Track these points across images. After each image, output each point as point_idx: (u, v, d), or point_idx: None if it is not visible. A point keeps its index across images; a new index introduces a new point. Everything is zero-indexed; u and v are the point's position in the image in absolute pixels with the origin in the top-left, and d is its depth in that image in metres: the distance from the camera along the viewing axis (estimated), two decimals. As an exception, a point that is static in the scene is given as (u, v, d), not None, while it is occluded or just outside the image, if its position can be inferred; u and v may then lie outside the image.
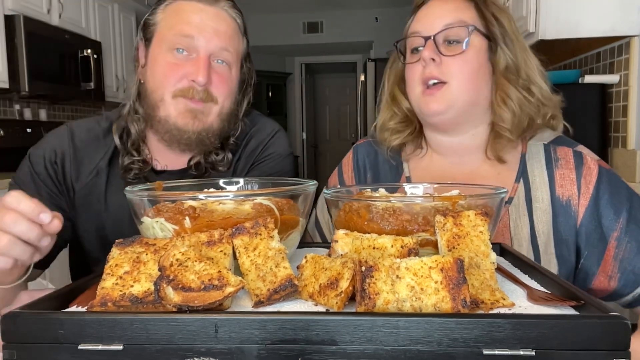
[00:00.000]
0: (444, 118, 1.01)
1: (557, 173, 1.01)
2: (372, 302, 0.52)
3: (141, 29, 1.10)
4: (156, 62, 1.05)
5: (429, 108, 1.00)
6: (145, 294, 0.55)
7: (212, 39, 1.04)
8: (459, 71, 0.98)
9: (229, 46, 1.06)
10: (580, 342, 0.47)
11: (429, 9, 1.04)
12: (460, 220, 0.63)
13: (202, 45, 1.03)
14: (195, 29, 1.03)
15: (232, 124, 1.14)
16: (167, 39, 1.04)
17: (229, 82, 1.09)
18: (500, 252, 0.82)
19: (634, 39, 2.12)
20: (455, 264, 0.53)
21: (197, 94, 1.03)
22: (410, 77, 1.05)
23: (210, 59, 1.05)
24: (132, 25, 4.62)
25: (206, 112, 1.06)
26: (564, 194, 0.99)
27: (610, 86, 2.29)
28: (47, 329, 0.50)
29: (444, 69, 0.98)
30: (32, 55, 3.15)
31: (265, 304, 0.57)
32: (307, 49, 7.76)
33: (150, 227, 0.69)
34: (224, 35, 1.05)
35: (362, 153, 1.20)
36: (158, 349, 0.49)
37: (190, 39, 1.02)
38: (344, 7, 7.02)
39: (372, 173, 1.18)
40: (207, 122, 1.06)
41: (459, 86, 0.98)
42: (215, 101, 1.06)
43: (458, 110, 1.00)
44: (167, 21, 1.06)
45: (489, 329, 0.47)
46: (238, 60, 1.11)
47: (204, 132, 1.06)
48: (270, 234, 0.63)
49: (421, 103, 1.02)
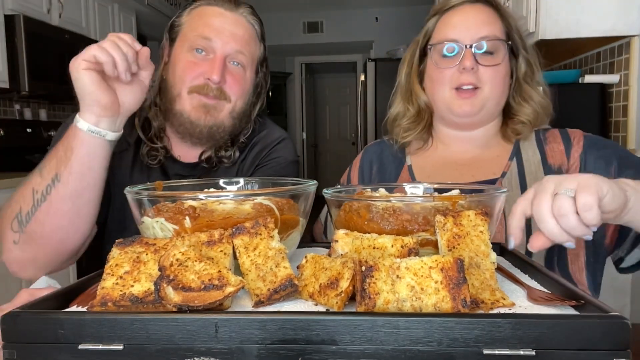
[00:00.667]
0: (474, 119, 1.11)
1: (547, 148, 1.11)
2: (372, 302, 0.52)
3: (167, 30, 1.19)
4: (177, 60, 1.14)
5: (463, 110, 1.08)
6: (145, 294, 0.55)
7: (229, 42, 1.12)
8: (492, 78, 1.07)
9: (244, 49, 1.14)
10: (580, 342, 0.47)
11: (462, 17, 1.10)
12: (460, 220, 0.63)
13: (219, 47, 1.11)
14: (214, 31, 1.11)
15: (243, 123, 1.21)
16: (188, 39, 1.13)
17: (242, 83, 1.15)
18: (500, 252, 0.82)
19: (634, 39, 2.12)
20: (456, 263, 0.53)
21: (211, 91, 1.10)
22: (440, 80, 1.11)
23: (227, 60, 1.12)
24: (132, 25, 4.62)
25: (218, 108, 1.13)
26: (555, 163, 1.08)
27: (610, 86, 2.29)
28: (47, 329, 0.50)
29: (479, 76, 1.07)
30: (32, 55, 3.15)
31: (265, 303, 0.57)
32: (307, 49, 7.76)
33: (151, 227, 0.69)
34: (240, 39, 1.14)
35: (370, 152, 1.29)
36: (158, 349, 0.49)
37: (209, 40, 1.11)
38: (344, 7, 7.02)
39: (377, 165, 1.25)
40: (218, 118, 1.13)
41: (491, 91, 1.08)
42: (228, 99, 1.13)
43: (487, 112, 1.10)
44: (190, 23, 1.15)
45: (489, 329, 0.47)
46: (253, 64, 1.19)
47: (214, 127, 1.13)
48: (271, 234, 0.63)
49: (454, 105, 1.09)
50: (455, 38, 1.08)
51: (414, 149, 1.22)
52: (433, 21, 1.15)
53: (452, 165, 1.15)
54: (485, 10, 1.10)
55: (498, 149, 1.15)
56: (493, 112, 1.12)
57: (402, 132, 1.21)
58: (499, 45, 1.08)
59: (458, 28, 1.09)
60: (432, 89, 1.14)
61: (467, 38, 1.07)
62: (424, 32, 1.17)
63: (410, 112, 1.20)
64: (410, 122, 1.20)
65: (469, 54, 1.06)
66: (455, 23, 1.10)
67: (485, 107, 1.09)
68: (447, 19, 1.12)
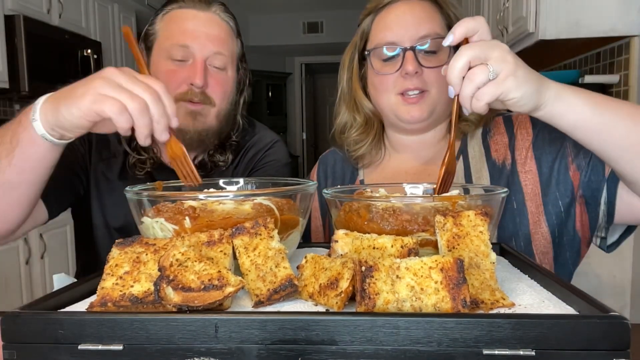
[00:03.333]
0: (424, 124, 1.05)
1: (491, 142, 1.06)
2: (372, 302, 0.52)
3: (142, 39, 1.16)
4: (157, 70, 1.11)
5: (411, 116, 1.02)
6: (145, 294, 0.55)
7: (206, 45, 1.10)
8: (438, 80, 1.00)
9: (222, 49, 1.12)
10: (580, 342, 0.47)
11: (399, 17, 1.02)
12: (460, 220, 0.63)
13: (197, 51, 1.09)
14: (189, 37, 1.09)
15: (230, 124, 1.20)
16: (165, 48, 1.11)
17: (225, 85, 1.14)
18: (500, 252, 0.82)
19: (634, 39, 2.12)
20: (455, 264, 0.53)
21: (196, 96, 1.09)
22: (382, 86, 1.04)
23: (206, 62, 1.10)
24: (132, 25, 4.62)
25: (204, 113, 1.11)
26: (499, 158, 1.04)
27: (610, 86, 2.29)
28: (47, 329, 0.50)
29: (424, 78, 1.00)
30: (32, 55, 3.15)
31: (265, 304, 0.57)
32: (307, 49, 7.76)
33: (150, 227, 0.69)
34: (217, 39, 1.11)
35: (325, 163, 1.25)
36: (158, 349, 0.49)
37: (186, 48, 1.09)
38: (344, 7, 7.01)
39: (331, 179, 1.21)
40: (206, 123, 1.12)
41: (439, 93, 1.01)
42: (213, 104, 1.12)
43: (437, 115, 1.05)
44: (164, 31, 1.13)
45: (489, 329, 0.47)
46: (233, 62, 1.17)
47: (204, 132, 1.13)
48: (270, 234, 0.63)
49: (401, 111, 1.03)
50: (393, 40, 1.01)
51: (367, 162, 1.16)
52: (368, 21, 1.07)
53: (403, 175, 1.10)
54: (422, 4, 1.02)
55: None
56: (444, 114, 1.06)
57: (353, 144, 1.14)
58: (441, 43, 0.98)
59: (395, 29, 1.01)
60: (376, 96, 1.07)
61: (405, 39, 0.99)
62: (359, 33, 1.09)
63: (358, 122, 1.13)
64: (359, 133, 1.13)
65: (410, 56, 0.98)
66: (391, 23, 1.02)
67: (435, 110, 1.03)
68: (382, 19, 1.04)
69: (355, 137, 1.14)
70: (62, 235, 3.19)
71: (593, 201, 0.95)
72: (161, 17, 1.14)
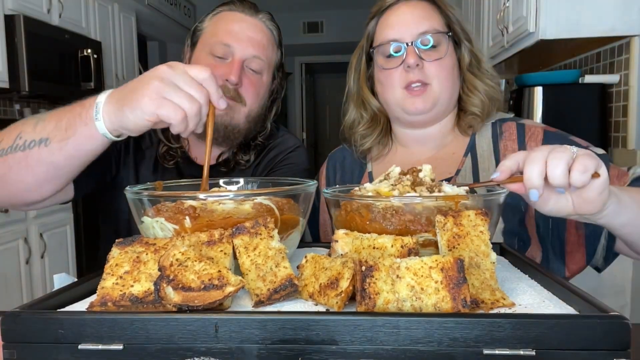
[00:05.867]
0: (428, 115, 1.10)
1: (501, 145, 1.10)
2: (372, 302, 0.52)
3: (190, 34, 1.24)
4: (197, 63, 1.16)
5: (416, 107, 1.07)
6: (145, 293, 0.55)
7: (247, 47, 1.16)
8: (438, 73, 1.07)
9: (261, 54, 1.18)
10: (580, 342, 0.47)
11: (400, 16, 1.10)
12: (460, 220, 0.63)
13: (237, 51, 1.15)
14: (233, 37, 1.15)
15: (258, 127, 1.25)
16: (209, 44, 1.17)
17: (258, 87, 1.19)
18: (500, 252, 0.82)
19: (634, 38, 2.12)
20: (456, 263, 0.53)
21: (228, 92, 1.13)
22: (388, 82, 1.10)
23: (244, 64, 1.16)
24: (132, 25, 4.62)
25: (235, 108, 1.15)
26: None
27: (610, 86, 2.29)
28: (47, 329, 0.50)
29: (426, 72, 1.06)
30: (32, 55, 3.15)
31: (265, 303, 0.57)
32: (307, 49, 7.76)
33: (150, 226, 0.69)
34: (258, 44, 1.18)
35: (334, 159, 1.30)
36: (158, 349, 0.49)
37: (228, 47, 1.15)
38: (344, 7, 7.01)
39: (340, 172, 1.26)
40: (234, 118, 1.16)
41: (440, 86, 1.07)
42: (244, 103, 1.17)
43: (440, 107, 1.10)
44: (211, 28, 1.20)
45: (489, 329, 0.47)
46: (270, 68, 1.23)
47: (230, 127, 1.17)
48: (270, 234, 0.63)
49: (406, 103, 1.08)
50: (395, 37, 1.08)
51: (375, 155, 1.22)
52: (373, 24, 1.15)
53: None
54: (422, 5, 1.10)
55: (454, 145, 1.14)
56: (447, 107, 1.11)
57: (360, 139, 1.21)
58: (440, 38, 1.07)
59: (397, 27, 1.09)
60: (383, 92, 1.13)
61: (407, 35, 1.07)
62: (365, 35, 1.17)
63: (365, 118, 1.20)
64: (366, 128, 1.20)
65: (411, 51, 1.05)
66: (393, 22, 1.10)
67: (438, 102, 1.08)
68: (385, 20, 1.12)
69: (362, 131, 1.20)
70: (62, 235, 3.18)
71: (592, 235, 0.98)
72: (211, 17, 1.22)
